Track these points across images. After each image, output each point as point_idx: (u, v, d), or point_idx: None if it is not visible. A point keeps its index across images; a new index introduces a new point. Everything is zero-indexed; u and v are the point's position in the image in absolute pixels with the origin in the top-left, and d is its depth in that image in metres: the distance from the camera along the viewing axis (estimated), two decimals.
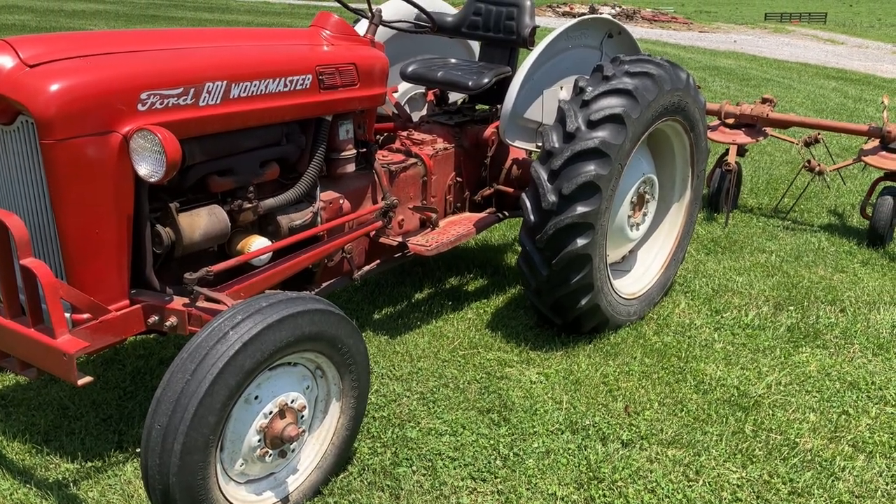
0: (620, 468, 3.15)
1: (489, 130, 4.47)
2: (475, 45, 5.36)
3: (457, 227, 4.21)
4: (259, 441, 2.66)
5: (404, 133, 4.40)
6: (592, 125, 3.75)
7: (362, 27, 4.38)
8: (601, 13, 38.81)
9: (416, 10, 4.25)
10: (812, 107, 12.02)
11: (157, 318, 2.87)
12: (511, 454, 3.23)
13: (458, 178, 4.42)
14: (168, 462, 2.39)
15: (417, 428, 3.36)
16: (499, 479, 3.07)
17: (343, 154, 3.60)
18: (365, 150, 3.76)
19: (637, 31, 26.04)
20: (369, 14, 3.82)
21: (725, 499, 3.02)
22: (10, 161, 2.70)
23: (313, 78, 3.29)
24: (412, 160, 4.12)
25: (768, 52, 24.08)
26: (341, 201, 3.65)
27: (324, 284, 3.73)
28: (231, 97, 2.98)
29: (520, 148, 4.28)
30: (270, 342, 2.53)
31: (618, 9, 37.09)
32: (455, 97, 5.13)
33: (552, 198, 3.75)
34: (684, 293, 4.84)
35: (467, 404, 3.56)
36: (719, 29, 33.53)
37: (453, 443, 3.28)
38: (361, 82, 3.52)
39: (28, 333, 2.59)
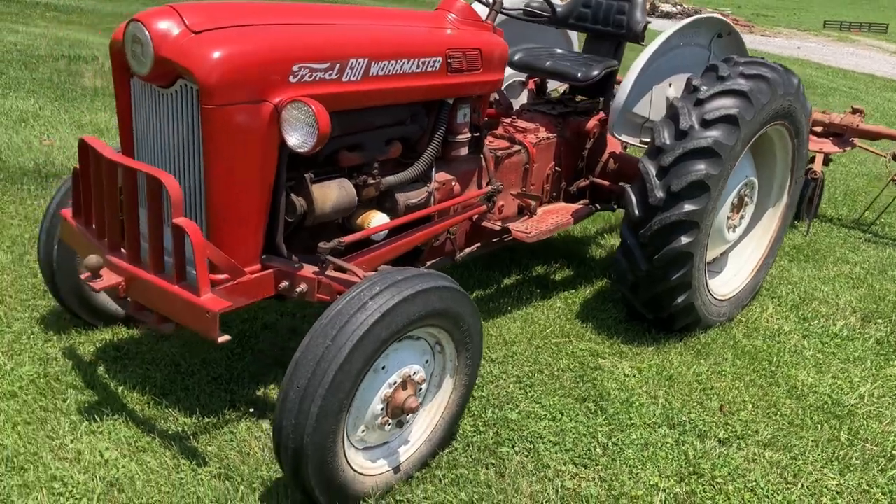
0: (719, 465, 3.19)
1: (592, 122, 4.50)
2: (573, 36, 5.39)
3: (554, 216, 4.25)
4: (382, 410, 2.75)
5: (507, 120, 4.44)
6: (706, 124, 3.77)
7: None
8: (661, 9, 38.34)
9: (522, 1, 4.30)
10: (882, 119, 11.83)
11: (287, 283, 2.96)
12: (610, 443, 3.28)
13: (556, 168, 4.46)
14: (304, 423, 2.47)
15: (517, 410, 3.42)
16: (600, 467, 3.13)
17: (459, 137, 3.66)
18: (477, 134, 3.82)
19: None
20: (489, 0, 3.86)
21: None
22: (164, 122, 2.80)
23: (443, 61, 3.35)
24: (516, 147, 4.17)
25: (833, 60, 23.66)
26: (453, 183, 3.72)
27: (428, 263, 3.81)
28: (370, 75, 3.05)
29: (625, 142, 4.31)
30: (404, 315, 2.60)
31: (678, 7, 36.55)
32: (552, 86, 5.16)
33: (660, 194, 3.78)
34: (771, 298, 4.83)
35: (563, 391, 3.62)
36: (781, 34, 32.96)
37: (553, 428, 3.34)
38: (484, 67, 3.57)
39: (173, 290, 2.70)
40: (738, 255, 4.67)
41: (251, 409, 3.23)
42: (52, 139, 6.38)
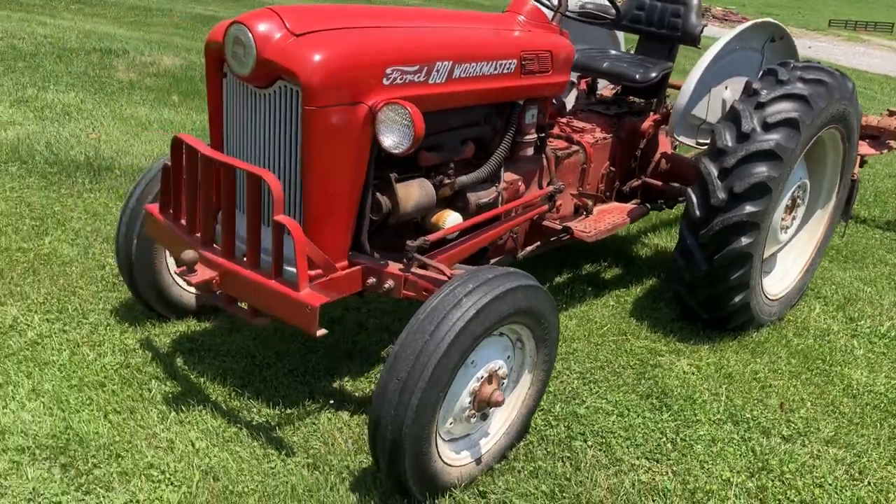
0: (787, 461, 3.27)
1: (647, 123, 4.57)
2: (620, 37, 5.46)
3: (611, 216, 4.33)
4: (469, 403, 2.83)
5: (563, 120, 4.52)
6: (768, 127, 3.84)
7: None
8: None
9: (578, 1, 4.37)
10: None
11: (374, 280, 3.04)
12: (678, 439, 3.36)
13: (611, 168, 4.54)
14: (403, 415, 2.56)
15: (584, 405, 3.51)
16: (671, 461, 3.22)
17: (526, 138, 3.74)
18: (542, 135, 3.89)
19: (708, 29, 25.73)
20: (554, 3, 3.93)
21: (893, 500, 3.13)
22: (260, 122, 2.88)
23: (517, 63, 3.43)
24: (574, 147, 4.25)
25: (845, 60, 23.69)
26: (519, 183, 3.80)
27: (492, 261, 3.89)
28: (453, 77, 3.13)
29: (683, 143, 4.39)
30: (496, 312, 2.69)
31: None
32: (601, 86, 5.24)
33: (722, 195, 3.85)
34: (816, 299, 4.92)
35: (626, 388, 3.70)
36: (791, 33, 32.81)
37: (622, 423, 3.42)
38: (553, 69, 3.65)
39: (273, 286, 2.78)
40: (786, 255, 4.74)
41: (331, 401, 3.32)
42: (98, 133, 6.46)
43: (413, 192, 3.16)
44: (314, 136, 2.74)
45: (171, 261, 3.71)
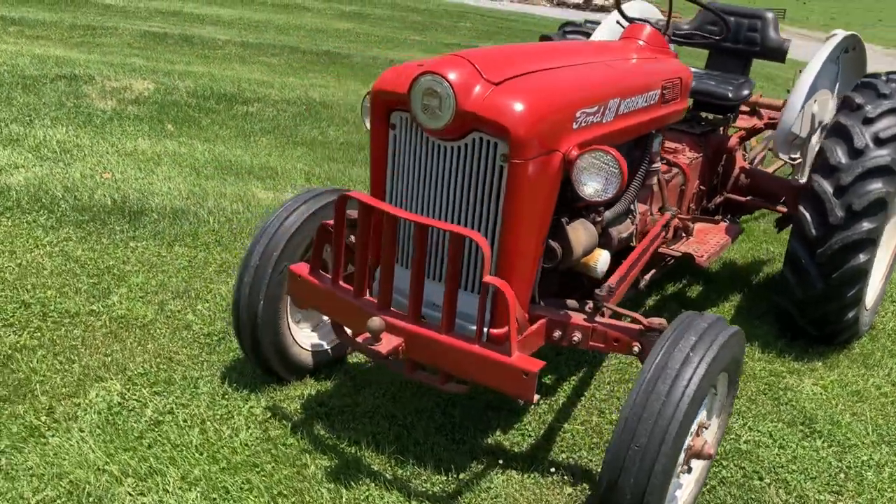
0: None
1: (734, 140, 4.52)
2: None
3: (713, 236, 4.26)
4: (682, 458, 2.70)
5: None
6: (881, 143, 3.84)
7: (604, 31, 4.41)
8: (594, 2, 38.92)
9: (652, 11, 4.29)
10: None
11: (559, 333, 2.88)
12: (844, 467, 3.31)
13: (701, 186, 4.48)
14: (645, 483, 2.42)
15: (742, 440, 3.43)
16: (852, 492, 3.16)
17: (653, 166, 3.62)
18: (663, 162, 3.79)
19: None
20: (664, 25, 3.83)
21: None
22: (444, 176, 2.67)
23: (660, 93, 3.31)
24: (675, 169, 4.16)
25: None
26: (648, 213, 3.68)
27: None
28: (618, 114, 3.00)
29: (782, 160, 4.35)
30: (718, 365, 2.58)
31: None
32: None
33: (840, 213, 3.82)
34: (892, 303, 4.97)
35: (771, 416, 3.63)
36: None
37: (785, 455, 3.35)
38: (681, 95, 3.55)
39: (480, 352, 2.58)
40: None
41: (499, 461, 3.13)
42: (109, 172, 6.04)
43: (580, 236, 3.01)
44: (518, 190, 2.56)
45: (292, 321, 3.46)
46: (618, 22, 4.02)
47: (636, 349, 2.80)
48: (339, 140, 7.81)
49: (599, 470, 3.06)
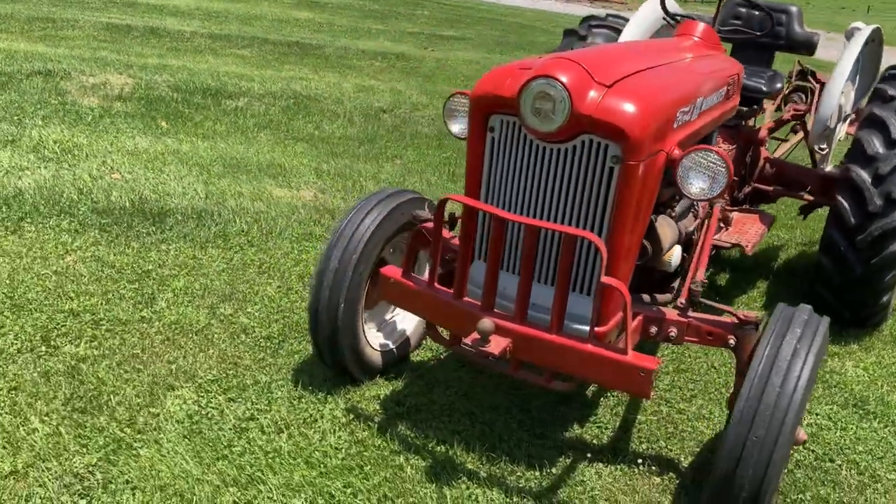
0: None
1: (763, 132, 4.65)
2: None
3: (750, 226, 4.38)
4: None
5: None
6: None
7: (635, 27, 4.49)
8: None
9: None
10: None
11: (656, 329, 2.95)
12: None
13: (734, 178, 4.59)
14: (762, 474, 2.50)
15: (805, 423, 3.55)
16: None
17: None
18: None
19: None
20: (711, 21, 3.92)
21: None
22: (553, 176, 2.70)
23: (725, 89, 3.40)
24: None
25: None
26: (705, 206, 3.77)
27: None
28: (701, 112, 3.08)
29: (814, 150, 4.49)
30: (822, 354, 2.68)
31: None
32: None
33: (879, 201, 3.98)
34: None
35: (824, 398, 3.79)
36: None
37: (849, 436, 3.50)
38: (737, 92, 3.65)
39: (596, 351, 2.64)
40: None
41: (587, 455, 3.20)
42: (117, 172, 5.90)
43: (667, 232, 3.09)
44: (628, 191, 2.61)
45: (367, 324, 3.47)
46: (664, 18, 4.09)
47: (732, 342, 2.88)
48: (336, 135, 7.76)
49: (684, 459, 3.17)
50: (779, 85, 4.46)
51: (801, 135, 5.43)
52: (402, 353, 3.72)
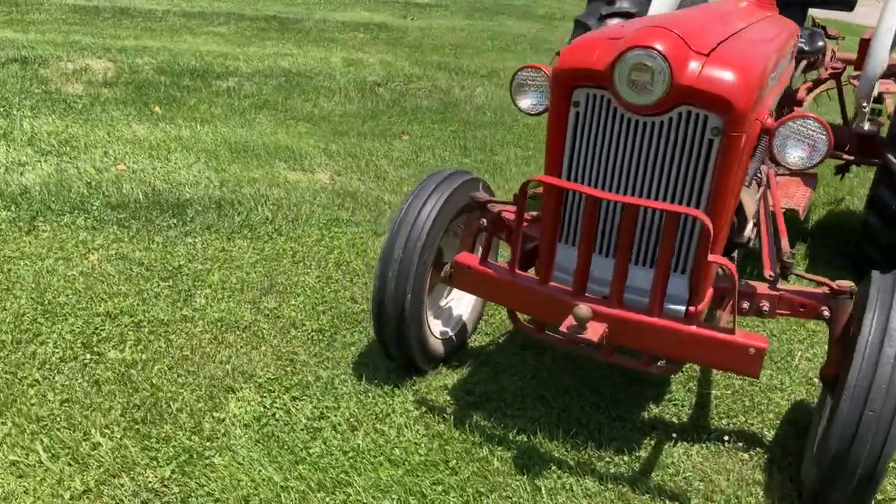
0: None
1: (802, 92, 4.56)
2: None
3: (796, 189, 4.32)
4: None
5: None
6: None
7: None
8: None
9: None
10: None
11: (748, 304, 2.85)
12: None
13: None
14: (880, 447, 2.44)
15: None
16: None
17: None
18: None
19: None
20: None
21: None
22: (647, 151, 2.58)
23: (791, 52, 3.30)
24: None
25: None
26: (765, 171, 3.68)
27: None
28: (780, 75, 2.97)
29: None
30: None
31: None
32: None
33: None
34: None
35: None
36: None
37: None
38: (795, 52, 3.54)
39: (704, 333, 2.54)
40: None
41: (672, 434, 3.12)
42: (122, 164, 5.66)
43: (749, 204, 3.00)
44: (731, 163, 2.51)
45: (430, 313, 3.34)
46: None
47: (826, 313, 2.79)
48: (336, 112, 7.54)
49: (768, 433, 3.09)
50: (820, 43, 4.37)
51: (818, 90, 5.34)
52: (460, 341, 3.60)
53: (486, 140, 6.89)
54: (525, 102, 3.00)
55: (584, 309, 2.56)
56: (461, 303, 3.64)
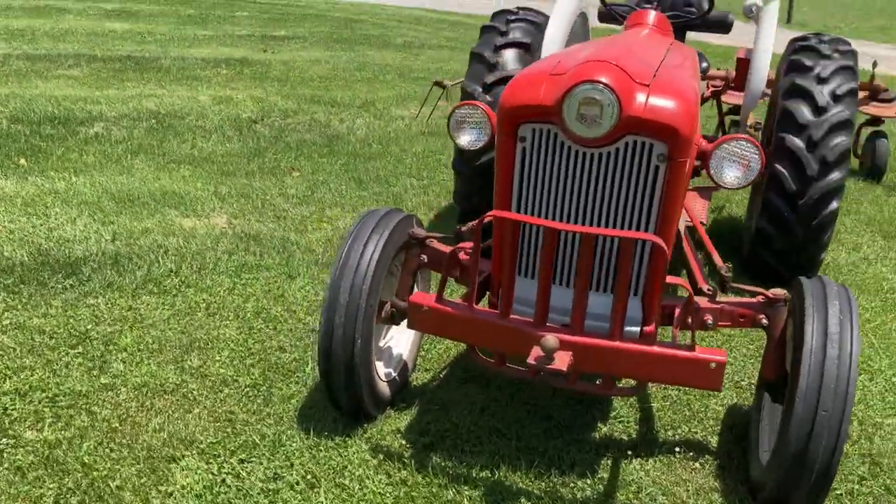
0: None
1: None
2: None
3: (695, 201, 4.55)
4: None
5: None
6: (838, 99, 4.29)
7: (558, 20, 4.52)
8: None
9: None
10: None
11: (691, 318, 2.96)
12: None
13: None
14: (833, 444, 2.59)
15: None
16: None
17: None
18: None
19: None
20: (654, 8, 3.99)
21: None
22: (594, 181, 2.65)
23: (700, 76, 3.48)
24: None
25: None
26: None
27: None
28: (699, 100, 3.12)
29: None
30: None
31: None
32: None
33: (815, 165, 4.25)
34: None
35: None
36: None
37: None
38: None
39: (661, 352, 2.63)
40: None
41: (627, 452, 3.19)
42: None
43: (680, 222, 3.12)
44: (675, 187, 2.62)
45: (375, 356, 3.28)
46: (603, 5, 4.13)
47: (764, 322, 2.95)
48: (217, 152, 7.29)
49: (711, 439, 3.19)
50: (705, 64, 4.64)
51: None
52: (403, 380, 3.56)
53: (379, 172, 6.86)
54: (464, 139, 3.01)
55: (551, 339, 2.59)
56: (400, 341, 3.59)
